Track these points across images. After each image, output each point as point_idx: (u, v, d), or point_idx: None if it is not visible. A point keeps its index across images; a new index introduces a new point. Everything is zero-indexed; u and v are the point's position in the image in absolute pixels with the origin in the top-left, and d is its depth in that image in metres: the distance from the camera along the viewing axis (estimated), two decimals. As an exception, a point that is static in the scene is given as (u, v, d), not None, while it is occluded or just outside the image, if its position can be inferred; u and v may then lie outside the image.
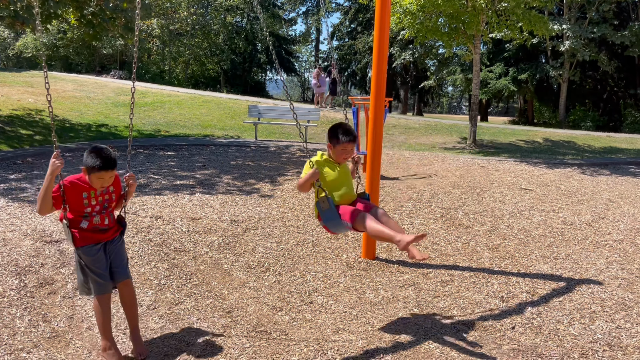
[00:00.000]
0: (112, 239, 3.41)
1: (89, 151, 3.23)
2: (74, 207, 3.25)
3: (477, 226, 6.12)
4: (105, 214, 3.36)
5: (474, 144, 14.09)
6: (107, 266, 3.32)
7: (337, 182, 3.75)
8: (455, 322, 3.85)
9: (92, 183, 3.24)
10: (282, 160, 10.20)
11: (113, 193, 3.41)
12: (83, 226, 3.28)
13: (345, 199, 3.76)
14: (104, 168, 3.18)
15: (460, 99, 67.66)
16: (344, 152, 3.74)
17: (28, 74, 23.31)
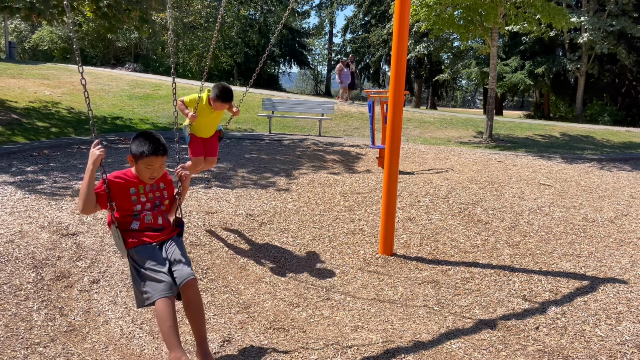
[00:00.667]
0: (168, 238, 3.02)
1: (135, 137, 2.94)
2: (122, 205, 2.91)
3: (497, 222, 6.01)
4: (158, 211, 3.01)
5: (490, 139, 13.91)
6: (165, 264, 2.86)
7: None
8: (477, 321, 3.76)
9: (141, 174, 2.93)
10: (296, 154, 10.13)
11: (165, 190, 3.10)
12: (134, 227, 2.92)
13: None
14: (154, 153, 2.86)
15: (474, 92, 67.06)
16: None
17: (44, 67, 23.44)
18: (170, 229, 3.11)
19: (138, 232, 2.95)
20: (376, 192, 7.06)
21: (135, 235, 2.93)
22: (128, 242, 2.91)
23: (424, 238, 5.50)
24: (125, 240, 2.91)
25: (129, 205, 2.95)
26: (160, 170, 2.99)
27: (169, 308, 2.72)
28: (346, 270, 4.74)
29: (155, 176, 2.98)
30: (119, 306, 3.93)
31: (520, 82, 27.44)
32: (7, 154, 8.88)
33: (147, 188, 3.03)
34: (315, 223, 5.82)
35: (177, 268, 2.88)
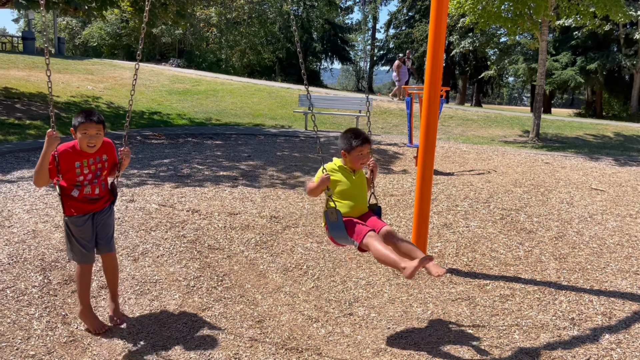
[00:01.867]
0: (101, 209, 3.44)
1: (75, 115, 3.34)
2: (67, 175, 3.29)
3: (542, 231, 5.48)
4: (97, 183, 3.40)
5: (537, 138, 13.16)
6: (92, 237, 3.39)
7: (349, 193, 3.51)
8: (517, 349, 3.31)
9: (80, 143, 3.26)
10: (330, 152, 9.77)
11: (106, 162, 3.44)
12: (74, 194, 3.31)
13: (356, 211, 3.51)
14: (87, 119, 3.22)
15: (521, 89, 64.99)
16: (360, 157, 3.51)
17: (90, 62, 23.91)
18: (105, 199, 3.48)
19: (76, 200, 3.32)
20: (411, 194, 6.62)
21: (73, 204, 3.32)
22: (67, 208, 3.31)
23: (460, 247, 5.05)
24: (64, 205, 3.32)
25: (73, 176, 3.29)
26: (97, 138, 3.28)
27: (87, 273, 3.42)
28: (372, 282, 4.36)
29: (94, 143, 3.28)
30: (125, 315, 3.68)
31: (570, 79, 26.18)
32: (41, 148, 8.88)
33: (90, 161, 3.33)
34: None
35: (100, 242, 3.45)
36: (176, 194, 6.20)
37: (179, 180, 6.97)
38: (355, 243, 3.30)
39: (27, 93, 13.95)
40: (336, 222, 3.31)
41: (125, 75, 20.34)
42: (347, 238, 3.34)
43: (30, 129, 10.41)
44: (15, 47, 27.73)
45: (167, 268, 4.35)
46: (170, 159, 8.51)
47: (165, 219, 5.32)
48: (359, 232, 3.28)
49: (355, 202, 3.50)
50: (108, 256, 3.52)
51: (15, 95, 13.49)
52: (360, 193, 3.55)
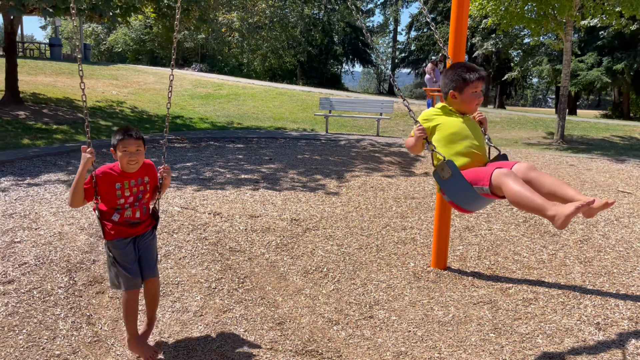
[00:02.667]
0: (143, 234, 3.28)
1: (114, 133, 3.22)
2: (107, 198, 3.14)
3: (566, 234, 5.38)
4: (138, 206, 3.24)
5: (561, 140, 12.95)
6: (135, 260, 3.20)
7: (463, 137, 2.80)
8: (540, 353, 3.26)
9: (121, 161, 3.13)
10: (351, 155, 9.77)
11: (148, 184, 3.29)
12: (114, 219, 3.16)
13: (475, 160, 2.77)
14: (126, 136, 3.10)
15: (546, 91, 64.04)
16: (475, 95, 2.88)
17: (114, 67, 24.34)
18: (147, 223, 3.33)
19: (117, 224, 3.16)
20: (432, 197, 6.58)
21: (114, 227, 3.15)
22: (107, 232, 3.15)
23: (482, 250, 5.00)
24: (104, 229, 3.15)
25: (114, 199, 3.14)
26: (138, 155, 3.15)
27: (133, 299, 3.17)
28: (393, 284, 4.34)
29: (134, 160, 3.13)
30: (162, 341, 3.72)
31: (596, 80, 25.71)
32: (67, 152, 9.08)
33: (131, 183, 3.19)
34: (363, 230, 5.44)
35: (144, 266, 3.25)
36: (198, 196, 6.27)
37: (201, 183, 7.04)
38: (485, 188, 2.57)
39: (54, 98, 14.27)
40: (451, 176, 2.65)
41: (149, 80, 20.65)
42: (471, 190, 2.62)
43: (57, 134, 10.64)
44: (43, 54, 28.39)
45: (189, 270, 4.40)
46: (192, 163, 8.61)
47: (187, 221, 5.38)
48: (484, 174, 2.57)
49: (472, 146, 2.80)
50: (151, 281, 3.30)
51: (42, 100, 13.81)
52: (476, 135, 2.85)
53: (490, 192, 2.55)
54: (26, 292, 3.83)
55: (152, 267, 3.28)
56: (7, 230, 4.83)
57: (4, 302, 3.67)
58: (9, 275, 4.02)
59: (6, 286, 3.88)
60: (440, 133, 2.82)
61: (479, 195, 2.62)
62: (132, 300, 3.16)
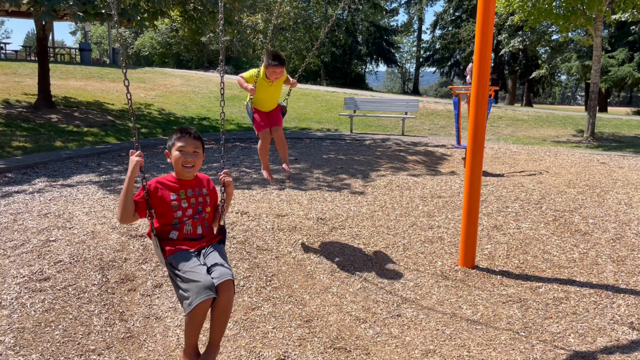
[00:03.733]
0: (208, 245, 2.84)
1: (170, 133, 2.94)
2: (162, 212, 2.77)
3: (598, 233, 5.29)
4: (199, 220, 2.84)
5: (592, 137, 12.70)
6: (203, 266, 2.68)
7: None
8: (572, 353, 3.21)
9: (176, 164, 2.81)
10: (376, 155, 9.75)
11: (207, 196, 2.92)
12: (172, 237, 2.77)
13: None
14: (184, 135, 2.84)
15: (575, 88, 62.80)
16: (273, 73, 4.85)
17: (142, 71, 24.75)
18: (211, 237, 2.91)
19: (176, 242, 2.78)
20: (459, 196, 6.53)
21: (173, 243, 2.77)
22: (166, 250, 2.74)
23: (511, 249, 4.94)
24: (163, 248, 2.74)
25: (169, 211, 2.77)
26: (195, 157, 2.85)
27: (204, 312, 2.60)
28: (421, 283, 4.32)
29: (192, 163, 2.83)
30: (178, 313, 3.80)
31: (627, 76, 25.11)
32: (98, 154, 9.28)
33: (189, 193, 2.86)
34: (389, 229, 5.43)
35: (215, 269, 2.67)
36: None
37: (228, 183, 7.12)
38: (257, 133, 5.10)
39: (85, 102, 14.59)
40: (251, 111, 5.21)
41: (176, 83, 20.94)
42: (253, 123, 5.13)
43: (88, 136, 10.88)
44: (73, 58, 29.05)
45: (218, 268, 4.45)
46: (219, 163, 8.71)
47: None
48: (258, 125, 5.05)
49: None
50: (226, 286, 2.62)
51: (73, 104, 14.13)
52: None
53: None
54: (61, 289, 3.94)
55: (226, 269, 2.68)
56: (43, 230, 4.97)
57: (40, 299, 3.79)
58: (45, 273, 4.15)
59: (42, 283, 4.00)
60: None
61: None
62: (202, 314, 2.58)
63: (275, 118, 5.27)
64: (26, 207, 5.66)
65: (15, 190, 6.47)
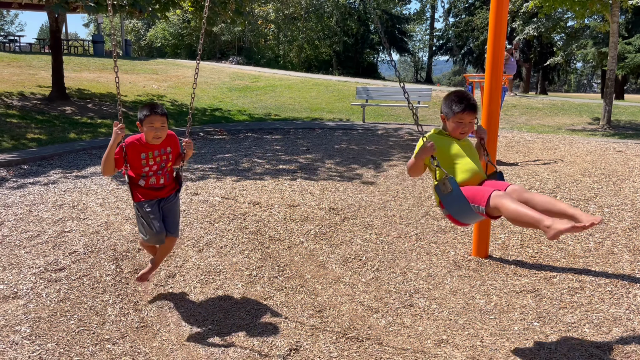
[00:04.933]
0: (167, 197, 3.66)
1: (140, 108, 3.57)
2: (134, 166, 3.51)
3: (614, 222, 5.21)
4: (162, 174, 3.61)
5: (608, 125, 12.49)
6: (160, 219, 3.59)
7: (461, 157, 3.02)
8: (587, 342, 3.18)
9: (146, 135, 3.47)
10: (388, 144, 9.70)
11: (170, 154, 3.63)
12: (140, 184, 3.57)
13: (473, 178, 2.98)
14: (153, 113, 3.44)
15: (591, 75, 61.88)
16: (459, 125, 3.07)
17: (154, 62, 24.83)
18: (171, 187, 3.71)
19: (143, 188, 3.57)
20: (472, 185, 6.46)
21: (141, 191, 3.56)
22: (135, 195, 3.56)
23: (525, 239, 4.89)
24: (133, 193, 3.57)
25: (139, 167, 3.52)
26: (162, 130, 3.50)
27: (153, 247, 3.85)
28: (433, 273, 4.30)
29: (159, 135, 3.50)
30: (192, 303, 3.83)
31: (645, 62, 24.62)
32: (111, 145, 9.35)
33: (155, 153, 3.54)
34: (402, 219, 5.40)
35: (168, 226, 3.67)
36: (238, 187, 6.36)
37: (240, 173, 7.14)
38: (481, 208, 2.75)
39: (98, 94, 14.69)
40: (451, 192, 2.81)
41: (188, 74, 20.98)
42: (468, 206, 2.79)
43: (102, 128, 10.96)
44: (86, 51, 29.22)
45: (230, 258, 4.47)
46: (231, 154, 8.73)
47: (227, 211, 5.47)
48: (482, 194, 2.75)
49: (470, 166, 2.99)
50: (170, 239, 3.73)
51: (87, 96, 14.24)
52: (472, 155, 3.07)
53: (485, 212, 2.77)
54: (76, 279, 3.99)
55: (175, 227, 3.71)
56: (58, 221, 5.02)
57: (56, 289, 3.83)
58: (60, 263, 4.19)
59: (58, 274, 4.05)
60: (439, 154, 2.98)
61: (475, 213, 2.84)
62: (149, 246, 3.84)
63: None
64: (41, 199, 5.72)
65: (31, 181, 6.54)
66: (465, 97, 3.08)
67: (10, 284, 3.87)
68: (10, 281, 3.91)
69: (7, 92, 13.04)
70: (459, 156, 3.03)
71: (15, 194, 5.91)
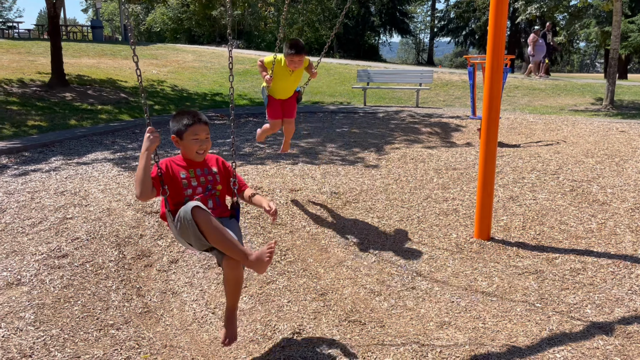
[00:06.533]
0: (221, 217, 2.85)
1: (173, 117, 2.90)
2: (173, 189, 2.79)
3: (617, 203, 5.20)
4: (209, 195, 2.87)
5: (611, 105, 12.42)
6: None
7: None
8: (589, 323, 3.19)
9: (188, 149, 2.83)
10: (390, 127, 9.66)
11: (217, 174, 2.95)
12: None
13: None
14: (197, 122, 2.82)
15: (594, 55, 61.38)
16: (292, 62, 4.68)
17: (154, 47, 24.66)
18: (222, 210, 2.93)
19: None
20: (475, 167, 6.45)
21: None
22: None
23: (527, 220, 4.89)
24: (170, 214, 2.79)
25: (180, 188, 2.83)
26: (208, 142, 2.90)
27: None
28: (435, 255, 4.31)
29: (204, 148, 2.89)
30: (194, 288, 3.84)
31: (649, 42, 24.37)
32: (112, 131, 9.33)
33: (197, 172, 2.91)
34: (404, 202, 5.40)
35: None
36: (239, 171, 6.34)
37: (242, 158, 7.12)
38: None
39: (98, 79, 14.61)
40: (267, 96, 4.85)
41: (188, 59, 20.85)
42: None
43: (102, 114, 10.93)
44: (85, 36, 29.03)
45: (233, 243, 4.48)
46: (230, 139, 8.70)
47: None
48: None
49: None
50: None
51: (87, 82, 14.16)
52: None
53: None
54: (79, 266, 4.00)
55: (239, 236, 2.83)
56: (60, 207, 5.03)
57: (59, 275, 3.85)
58: (63, 250, 4.20)
59: (61, 260, 4.06)
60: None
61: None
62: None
63: (290, 109, 5.21)
64: (43, 185, 5.72)
65: (32, 168, 6.54)
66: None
67: (13, 271, 3.89)
68: (14, 268, 3.93)
69: (7, 79, 12.98)
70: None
71: (17, 181, 5.91)
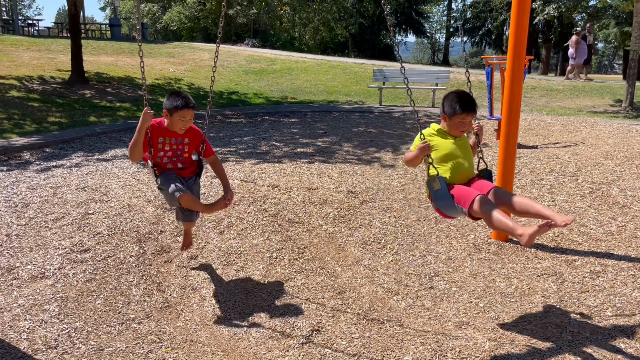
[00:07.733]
0: (187, 177, 3.59)
1: (168, 95, 3.48)
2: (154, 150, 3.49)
3: (637, 205, 5.15)
4: (177, 160, 3.56)
5: (630, 107, 12.26)
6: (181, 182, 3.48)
7: (454, 156, 3.21)
8: (609, 326, 3.17)
9: (174, 125, 3.45)
10: (406, 127, 9.64)
11: (187, 144, 3.57)
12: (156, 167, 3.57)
13: (462, 176, 3.21)
14: (187, 106, 3.40)
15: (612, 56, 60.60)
16: (461, 124, 3.25)
17: (171, 45, 24.86)
18: (191, 170, 3.64)
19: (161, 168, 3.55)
20: (493, 168, 6.41)
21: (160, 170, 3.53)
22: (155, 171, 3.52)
23: (545, 222, 4.85)
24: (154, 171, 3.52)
25: (156, 150, 3.51)
26: (190, 122, 3.50)
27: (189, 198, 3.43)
28: (453, 256, 4.31)
29: (187, 126, 3.49)
30: (214, 284, 3.89)
31: (670, 43, 24.00)
32: (131, 128, 9.42)
33: (172, 140, 3.52)
34: (421, 202, 5.40)
35: None
36: (257, 170, 6.39)
37: (259, 157, 7.17)
38: (464, 210, 2.99)
39: (116, 77, 14.77)
40: (440, 190, 3.05)
41: (204, 57, 20.98)
42: (454, 207, 3.04)
43: (121, 111, 11.05)
44: (104, 34, 29.34)
45: (251, 240, 4.52)
46: (249, 137, 8.75)
47: (247, 193, 5.51)
48: (466, 197, 2.96)
49: (460, 166, 3.18)
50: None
51: (105, 79, 14.33)
52: (464, 155, 3.23)
53: (467, 213, 3.01)
54: (101, 260, 4.07)
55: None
56: (81, 203, 5.11)
57: (82, 269, 3.92)
58: (85, 245, 4.28)
59: (83, 254, 4.13)
60: (435, 153, 3.20)
61: (459, 212, 3.09)
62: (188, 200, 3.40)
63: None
64: (65, 181, 5.82)
65: (54, 164, 6.65)
66: (468, 97, 3.28)
67: (37, 265, 3.97)
68: (38, 262, 4.01)
69: (28, 76, 13.18)
70: (452, 156, 3.22)
71: (40, 177, 6.01)
